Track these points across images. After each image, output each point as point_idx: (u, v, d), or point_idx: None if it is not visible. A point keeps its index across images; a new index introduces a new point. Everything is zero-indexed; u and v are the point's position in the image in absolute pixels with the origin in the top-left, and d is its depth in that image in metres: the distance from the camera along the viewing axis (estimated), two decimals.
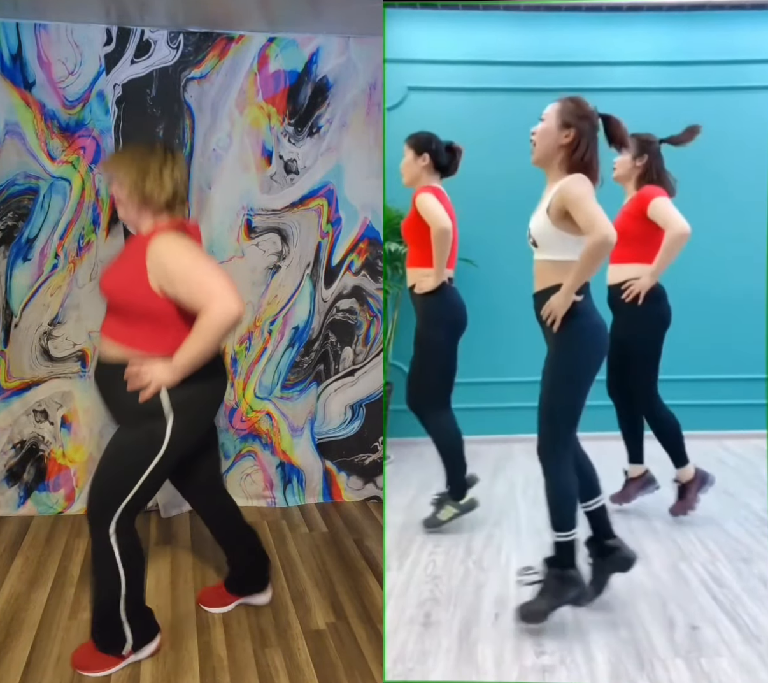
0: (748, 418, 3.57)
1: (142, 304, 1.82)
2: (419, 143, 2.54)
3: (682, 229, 2.42)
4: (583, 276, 1.81)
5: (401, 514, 2.76)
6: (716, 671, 1.75)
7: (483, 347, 2.69)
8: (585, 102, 1.89)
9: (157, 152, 1.88)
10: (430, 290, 2.50)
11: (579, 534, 1.95)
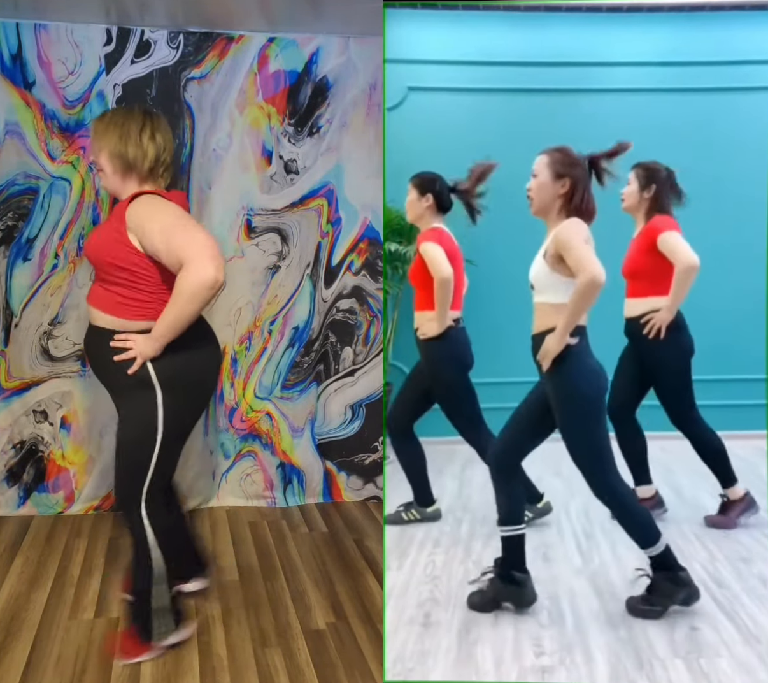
0: (748, 419, 3.57)
1: (121, 263, 1.79)
2: (423, 184, 2.56)
3: (690, 262, 2.41)
4: (574, 317, 1.84)
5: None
6: (715, 671, 1.75)
7: (483, 347, 2.70)
8: (571, 150, 1.94)
9: (136, 117, 1.84)
10: (435, 336, 2.54)
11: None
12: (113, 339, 1.85)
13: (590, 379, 1.91)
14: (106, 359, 1.86)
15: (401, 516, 2.72)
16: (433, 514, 2.74)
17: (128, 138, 1.81)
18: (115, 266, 1.82)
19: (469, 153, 2.63)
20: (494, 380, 3.66)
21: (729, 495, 2.64)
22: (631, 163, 2.56)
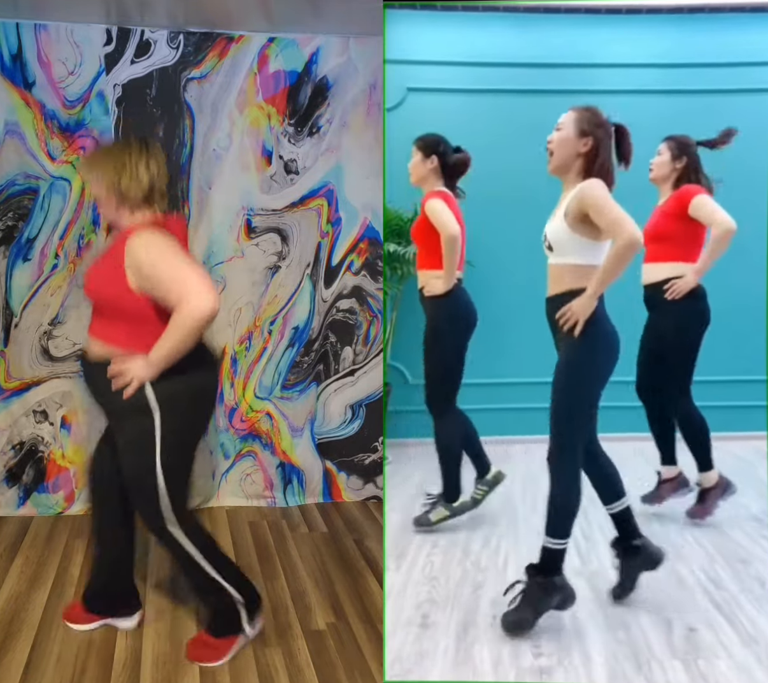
0: (748, 419, 3.57)
1: (121, 302, 1.83)
2: (427, 145, 2.54)
3: (729, 225, 2.41)
4: (609, 279, 1.81)
5: (400, 515, 2.77)
6: (714, 673, 1.75)
7: (482, 348, 2.70)
8: (600, 111, 1.92)
9: (131, 148, 1.87)
10: (441, 293, 2.52)
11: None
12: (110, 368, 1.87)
13: (610, 341, 1.88)
14: (106, 386, 1.88)
15: (429, 519, 2.62)
16: (462, 508, 2.65)
17: (123, 170, 1.84)
18: (116, 305, 1.86)
19: (469, 153, 2.63)
20: (493, 381, 3.66)
21: (704, 482, 2.65)
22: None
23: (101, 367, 1.88)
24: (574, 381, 1.88)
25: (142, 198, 1.86)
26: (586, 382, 1.88)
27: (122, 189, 1.84)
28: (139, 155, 1.85)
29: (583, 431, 1.92)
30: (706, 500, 2.65)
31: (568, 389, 1.89)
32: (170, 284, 1.76)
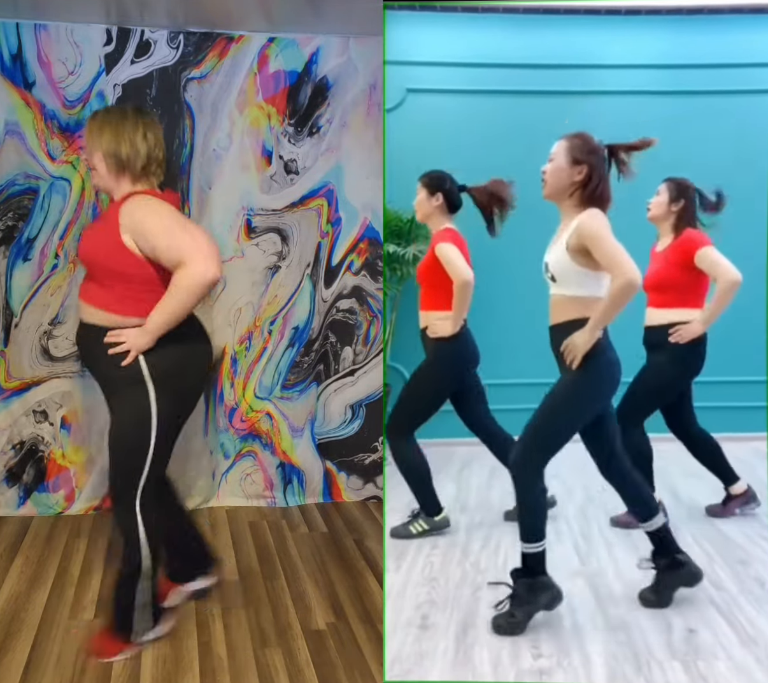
0: (748, 420, 3.57)
1: (116, 265, 1.81)
2: (432, 183, 2.54)
3: (735, 278, 2.44)
4: (608, 317, 1.83)
5: (400, 515, 2.77)
6: (713, 673, 1.75)
7: (481, 349, 2.70)
8: (591, 137, 1.92)
9: (128, 117, 1.85)
10: (446, 336, 2.52)
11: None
12: (105, 335, 1.86)
13: (610, 371, 1.91)
14: (99, 354, 1.87)
15: (409, 530, 2.63)
16: (442, 523, 2.65)
17: (121, 138, 1.82)
18: (108, 267, 1.83)
19: (468, 154, 2.64)
20: (492, 381, 3.66)
21: (731, 491, 2.73)
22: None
23: (97, 331, 1.86)
24: (565, 403, 1.91)
25: (141, 168, 1.84)
26: (575, 407, 1.92)
27: (122, 158, 1.82)
28: (137, 124, 1.84)
29: (555, 451, 1.94)
30: (729, 504, 2.74)
31: (557, 409, 1.92)
32: (172, 243, 1.72)
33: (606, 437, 2.03)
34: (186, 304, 1.76)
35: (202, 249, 1.71)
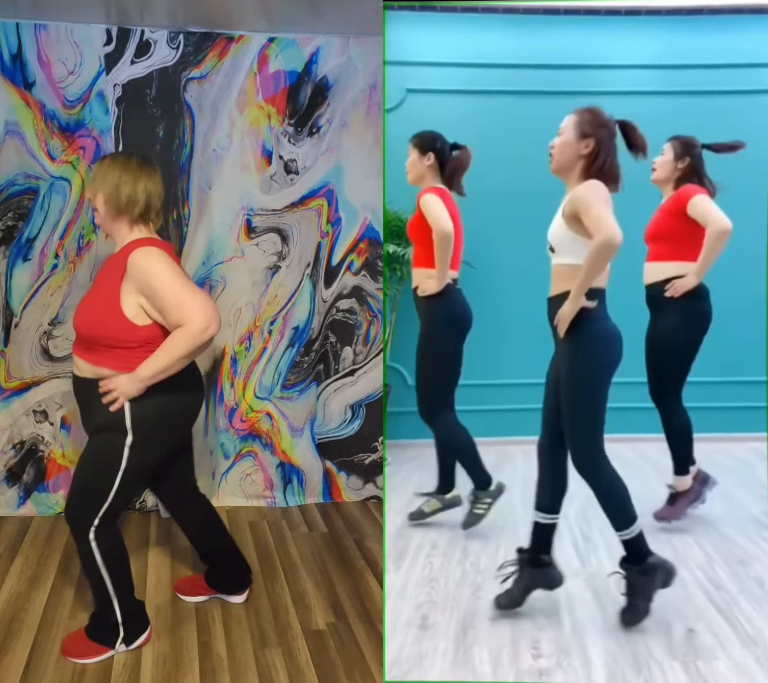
0: (748, 421, 3.57)
1: (115, 336, 1.87)
2: (424, 142, 2.53)
3: (724, 225, 2.40)
4: (588, 280, 1.80)
5: (399, 516, 2.77)
6: (713, 674, 1.76)
7: (480, 349, 2.70)
8: (601, 111, 1.90)
9: (131, 165, 1.91)
10: (434, 293, 2.50)
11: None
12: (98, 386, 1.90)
13: (606, 344, 1.87)
14: (93, 403, 1.92)
15: (422, 510, 2.65)
16: (453, 501, 2.65)
17: (124, 185, 1.87)
18: (104, 336, 1.89)
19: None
20: (491, 381, 3.66)
21: (677, 486, 2.65)
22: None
23: (87, 384, 1.93)
24: (578, 389, 1.88)
25: (139, 215, 1.89)
26: (589, 387, 1.87)
27: (120, 204, 1.87)
28: (138, 174, 1.89)
29: (600, 433, 1.91)
30: (677, 503, 2.64)
31: (574, 397, 1.88)
32: (172, 301, 1.78)
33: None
34: (181, 356, 1.80)
35: (204, 308, 1.77)
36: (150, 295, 1.82)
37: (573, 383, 1.88)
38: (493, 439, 3.60)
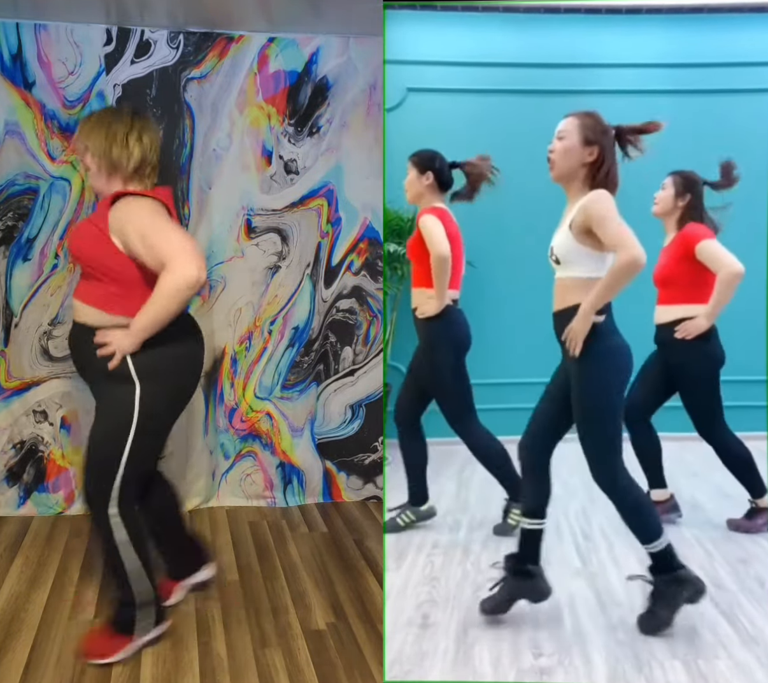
0: (748, 420, 3.57)
1: (106, 262, 1.82)
2: (423, 161, 2.53)
3: (736, 269, 2.41)
4: (606, 295, 1.76)
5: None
6: (713, 673, 1.75)
7: (481, 349, 2.70)
8: (601, 116, 1.87)
9: (123, 118, 1.85)
10: (433, 315, 2.51)
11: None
12: (95, 335, 1.87)
13: (616, 359, 1.83)
14: (87, 353, 1.89)
15: (397, 523, 2.64)
16: (428, 512, 2.67)
17: (114, 139, 1.82)
18: (97, 263, 1.84)
19: (468, 154, 2.63)
20: (491, 381, 3.66)
21: (758, 503, 2.63)
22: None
23: (85, 332, 1.87)
24: (592, 407, 1.84)
25: (133, 170, 1.84)
26: (603, 404, 1.83)
27: (113, 159, 1.82)
28: (132, 126, 1.83)
29: (619, 449, 1.87)
30: (755, 518, 2.61)
31: (589, 415, 1.85)
32: (156, 249, 1.72)
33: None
34: (168, 307, 1.75)
35: (184, 251, 1.71)
36: (129, 241, 1.76)
37: (586, 399, 1.84)
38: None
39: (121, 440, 1.88)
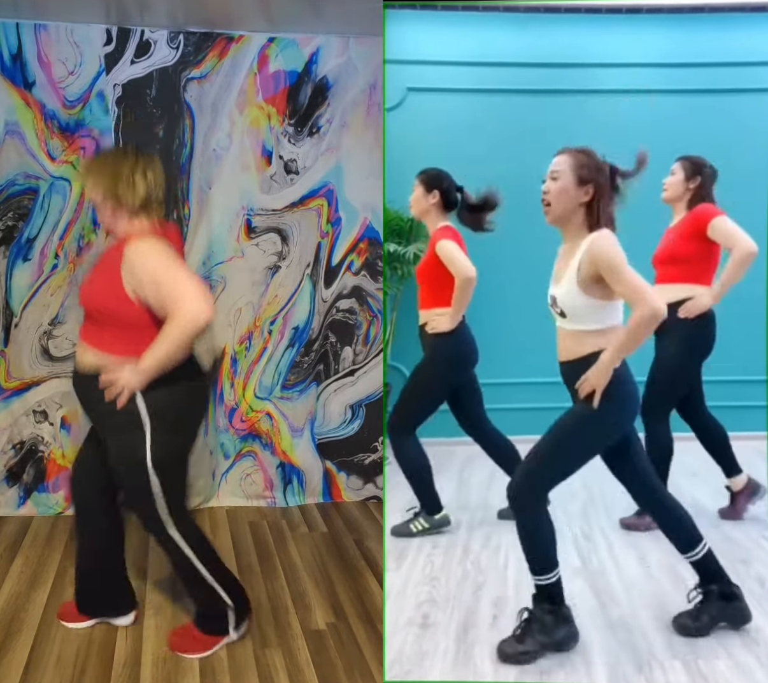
0: (748, 420, 3.57)
1: (116, 310, 1.85)
2: (430, 180, 2.54)
3: (750, 247, 2.38)
4: (628, 349, 1.71)
5: (399, 515, 2.77)
6: (713, 673, 1.75)
7: (481, 349, 2.70)
8: (594, 152, 1.79)
9: (128, 157, 1.89)
10: (445, 331, 2.52)
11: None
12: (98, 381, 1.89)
13: (628, 406, 1.80)
14: (96, 398, 1.90)
15: (410, 528, 2.62)
16: (442, 521, 2.64)
17: (120, 177, 1.86)
18: (109, 310, 1.88)
19: (468, 153, 2.63)
20: (491, 381, 3.65)
21: (732, 486, 2.68)
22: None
23: (92, 378, 1.90)
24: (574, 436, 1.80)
25: (139, 206, 1.88)
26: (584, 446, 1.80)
27: (119, 196, 1.86)
28: (136, 164, 1.87)
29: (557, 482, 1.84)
30: (736, 504, 2.68)
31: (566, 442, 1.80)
32: (166, 291, 1.78)
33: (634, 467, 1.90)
34: (179, 343, 1.79)
35: (191, 296, 1.76)
36: (140, 285, 1.80)
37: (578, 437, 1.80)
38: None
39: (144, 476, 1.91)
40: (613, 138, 1.95)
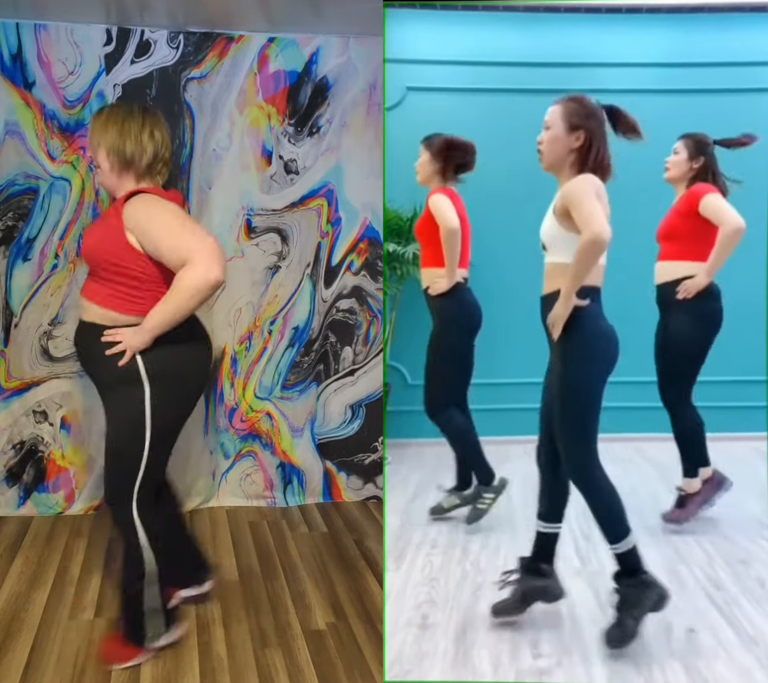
0: (748, 420, 3.57)
1: (119, 261, 1.79)
2: (434, 145, 2.56)
3: (737, 224, 2.39)
4: (577, 278, 1.73)
5: (399, 515, 2.77)
6: (713, 674, 1.75)
7: (481, 348, 2.70)
8: (587, 99, 1.82)
9: (135, 114, 1.83)
10: (444, 292, 2.54)
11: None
12: (103, 334, 1.84)
13: (600, 344, 1.80)
14: (96, 353, 1.86)
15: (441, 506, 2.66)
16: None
17: (128, 135, 1.80)
18: (111, 264, 1.82)
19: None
20: (490, 381, 3.66)
21: (686, 488, 2.63)
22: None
23: (93, 331, 1.84)
24: (569, 392, 1.81)
25: (146, 167, 1.82)
26: (581, 390, 1.80)
27: (126, 155, 1.80)
28: (143, 122, 1.82)
29: (593, 439, 1.83)
30: (686, 506, 2.61)
31: (566, 400, 1.82)
32: (177, 244, 1.70)
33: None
34: (186, 305, 1.72)
35: (206, 250, 1.69)
36: (148, 240, 1.74)
37: (564, 386, 1.82)
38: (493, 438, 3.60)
39: (138, 441, 1.86)
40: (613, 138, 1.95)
